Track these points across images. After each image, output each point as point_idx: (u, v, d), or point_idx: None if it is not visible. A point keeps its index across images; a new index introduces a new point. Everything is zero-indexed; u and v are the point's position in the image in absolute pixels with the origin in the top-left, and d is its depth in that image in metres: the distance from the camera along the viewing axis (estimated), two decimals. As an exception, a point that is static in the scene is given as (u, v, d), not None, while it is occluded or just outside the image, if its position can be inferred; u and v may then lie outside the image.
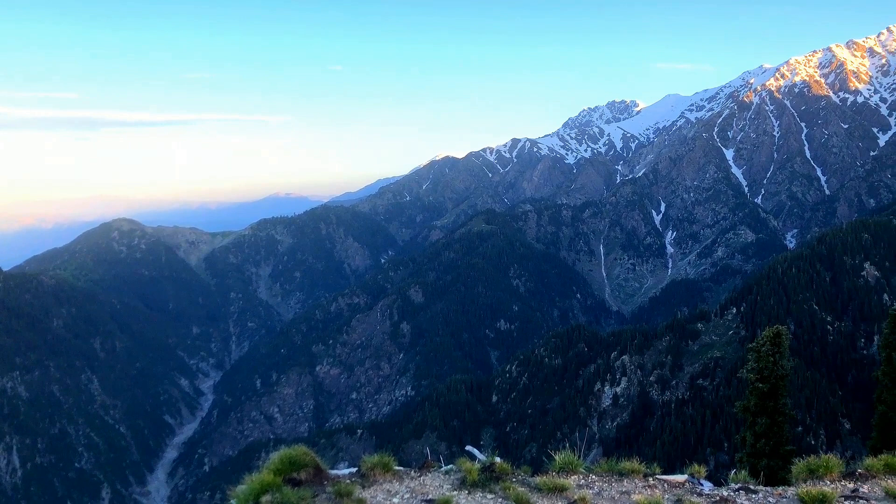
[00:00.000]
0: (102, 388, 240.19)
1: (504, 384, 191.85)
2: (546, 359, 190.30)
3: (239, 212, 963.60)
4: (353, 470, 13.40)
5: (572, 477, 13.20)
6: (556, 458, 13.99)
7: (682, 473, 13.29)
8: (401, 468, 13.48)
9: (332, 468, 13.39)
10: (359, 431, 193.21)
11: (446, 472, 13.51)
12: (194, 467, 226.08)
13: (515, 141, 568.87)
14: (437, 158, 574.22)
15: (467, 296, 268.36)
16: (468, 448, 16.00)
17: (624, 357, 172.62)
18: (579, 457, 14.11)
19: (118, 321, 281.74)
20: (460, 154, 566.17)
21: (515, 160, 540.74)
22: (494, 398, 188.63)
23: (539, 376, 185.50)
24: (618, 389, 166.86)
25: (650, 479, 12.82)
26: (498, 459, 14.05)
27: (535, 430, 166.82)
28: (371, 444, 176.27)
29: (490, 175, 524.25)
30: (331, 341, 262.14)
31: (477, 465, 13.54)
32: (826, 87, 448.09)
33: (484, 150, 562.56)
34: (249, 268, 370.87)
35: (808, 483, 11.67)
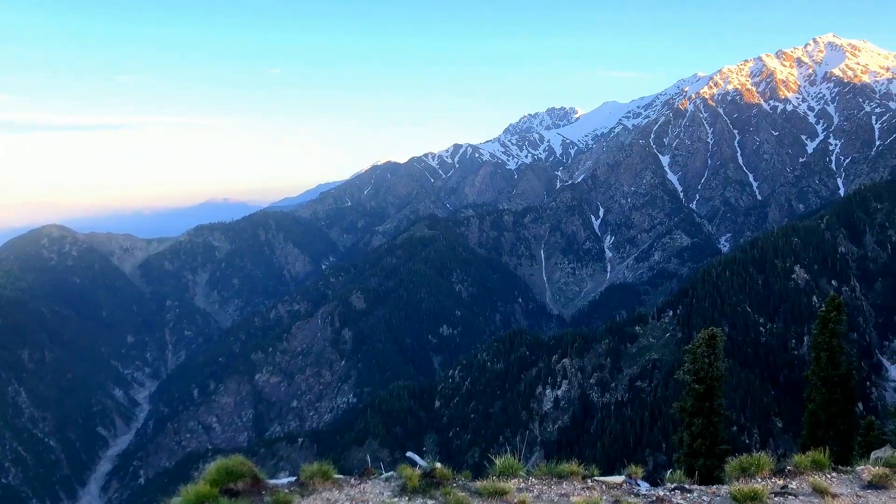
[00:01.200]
0: (31, 401, 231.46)
1: (447, 390, 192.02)
2: (488, 363, 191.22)
3: (175, 218, 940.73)
4: (293, 479, 13.13)
5: (512, 481, 13.19)
6: (497, 462, 13.96)
7: (620, 474, 13.44)
8: (341, 476, 13.25)
9: (273, 478, 13.12)
10: (300, 440, 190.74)
11: (387, 479, 13.35)
12: (129, 480, 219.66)
13: (457, 146, 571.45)
14: (379, 163, 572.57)
15: (410, 301, 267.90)
16: (409, 454, 15.84)
17: (564, 360, 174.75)
18: (519, 460, 14.12)
19: (48, 330, 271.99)
20: (402, 159, 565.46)
21: (457, 166, 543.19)
22: (437, 404, 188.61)
23: (481, 381, 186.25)
24: (559, 392, 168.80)
25: (589, 480, 12.92)
26: (438, 465, 13.93)
27: (478, 435, 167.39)
28: (312, 452, 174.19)
29: (432, 180, 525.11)
30: (270, 349, 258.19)
31: (417, 472, 13.40)
32: (757, 95, 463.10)
33: (426, 155, 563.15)
34: (186, 275, 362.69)
35: (740, 481, 11.92)
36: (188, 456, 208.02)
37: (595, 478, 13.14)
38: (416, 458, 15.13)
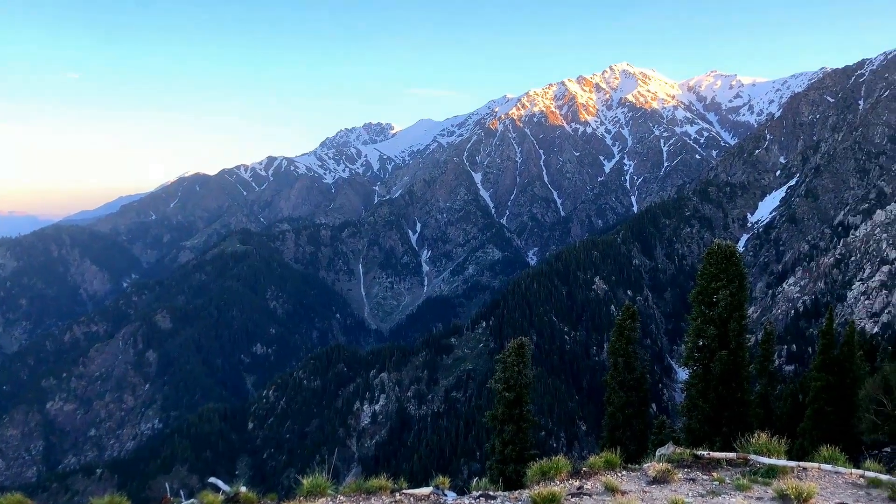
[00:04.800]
0: None
1: (261, 410, 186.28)
2: (305, 381, 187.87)
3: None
4: (79, 516, 11.86)
5: (320, 500, 12.71)
6: (304, 482, 13.41)
7: (429, 486, 13.40)
8: (135, 508, 12.16)
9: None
10: (98, 471, 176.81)
11: (186, 508, 12.46)
12: None
13: (272, 159, 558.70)
14: (187, 175, 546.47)
15: (221, 320, 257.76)
16: (211, 480, 14.95)
17: (383, 374, 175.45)
18: (329, 478, 13.65)
19: None
20: (212, 171, 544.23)
21: (272, 178, 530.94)
22: (251, 425, 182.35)
23: (298, 400, 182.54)
24: (377, 407, 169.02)
25: (397, 494, 12.74)
26: (243, 489, 13.24)
27: (294, 455, 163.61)
28: (113, 483, 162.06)
29: (245, 193, 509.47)
30: (64, 374, 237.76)
31: (220, 497, 12.67)
32: (561, 117, 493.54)
33: (238, 167, 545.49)
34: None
35: (540, 485, 12.27)
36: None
37: (403, 491, 12.99)
38: (219, 483, 14.32)
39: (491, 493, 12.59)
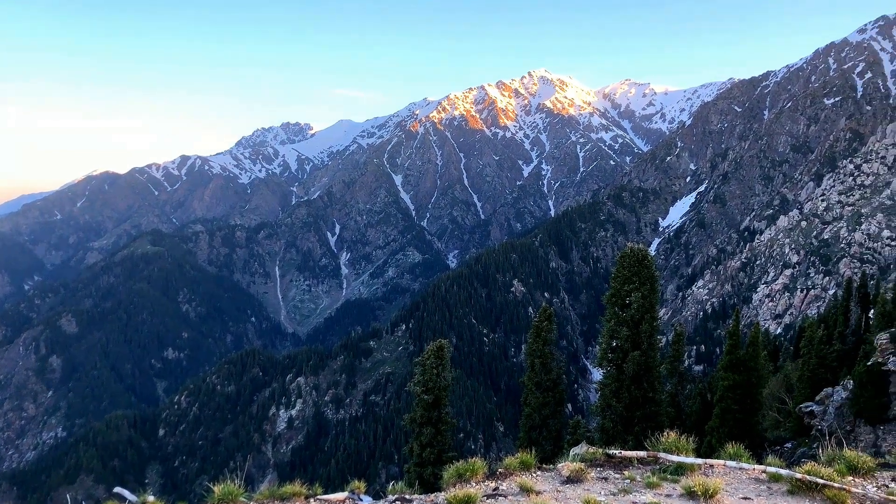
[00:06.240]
0: None
1: (172, 417, 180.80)
2: (218, 386, 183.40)
3: None
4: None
5: (231, 508, 12.31)
6: (216, 489, 12.96)
7: (345, 491, 13.18)
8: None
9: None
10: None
11: (86, 521, 11.82)
12: None
13: (185, 158, 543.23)
14: (95, 174, 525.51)
15: (130, 324, 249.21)
16: (117, 490, 14.24)
17: (299, 379, 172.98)
18: (241, 485, 13.23)
19: None
20: (122, 169, 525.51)
21: (185, 178, 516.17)
22: (161, 432, 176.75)
23: (211, 405, 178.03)
24: (293, 412, 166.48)
25: (311, 500, 12.45)
26: (151, 498, 12.65)
27: (207, 462, 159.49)
28: (11, 496, 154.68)
29: (157, 193, 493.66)
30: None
31: (125, 508, 12.03)
32: (481, 121, 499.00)
33: (149, 166, 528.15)
34: None
35: (457, 487, 12.22)
36: None
37: (318, 496, 12.71)
38: (125, 492, 13.68)
39: (407, 496, 12.45)
